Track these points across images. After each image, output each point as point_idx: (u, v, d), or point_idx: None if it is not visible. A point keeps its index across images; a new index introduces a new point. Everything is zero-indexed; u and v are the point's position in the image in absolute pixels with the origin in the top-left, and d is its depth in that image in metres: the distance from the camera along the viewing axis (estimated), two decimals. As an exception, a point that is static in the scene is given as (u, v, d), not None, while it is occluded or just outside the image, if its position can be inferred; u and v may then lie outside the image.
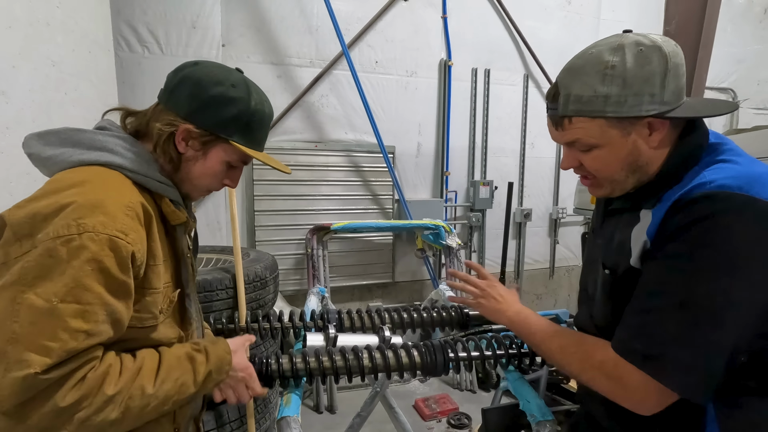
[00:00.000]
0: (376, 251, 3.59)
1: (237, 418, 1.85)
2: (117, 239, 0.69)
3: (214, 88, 0.83)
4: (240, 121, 0.86)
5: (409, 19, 3.48)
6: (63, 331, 0.64)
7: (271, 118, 0.93)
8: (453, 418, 2.73)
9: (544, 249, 4.30)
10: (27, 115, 1.61)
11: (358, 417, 1.96)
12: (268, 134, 0.95)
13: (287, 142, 3.27)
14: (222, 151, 0.87)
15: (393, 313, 1.45)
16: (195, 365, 0.82)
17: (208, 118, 0.84)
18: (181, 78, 0.85)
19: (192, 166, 0.87)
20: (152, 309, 0.80)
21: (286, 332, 1.37)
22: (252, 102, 0.86)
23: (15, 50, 1.57)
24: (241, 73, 0.90)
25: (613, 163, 0.79)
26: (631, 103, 0.74)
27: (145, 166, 0.81)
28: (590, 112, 0.76)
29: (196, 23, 2.96)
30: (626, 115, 0.74)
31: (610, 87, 0.74)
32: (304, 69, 3.25)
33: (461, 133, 3.78)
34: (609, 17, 4.12)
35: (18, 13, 1.58)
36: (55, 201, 0.68)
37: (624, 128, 0.76)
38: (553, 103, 0.82)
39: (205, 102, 0.83)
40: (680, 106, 0.76)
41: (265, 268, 2.07)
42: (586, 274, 0.99)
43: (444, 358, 1.08)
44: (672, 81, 0.74)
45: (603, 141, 0.78)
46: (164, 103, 0.86)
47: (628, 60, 0.73)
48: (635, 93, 0.73)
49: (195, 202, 3.04)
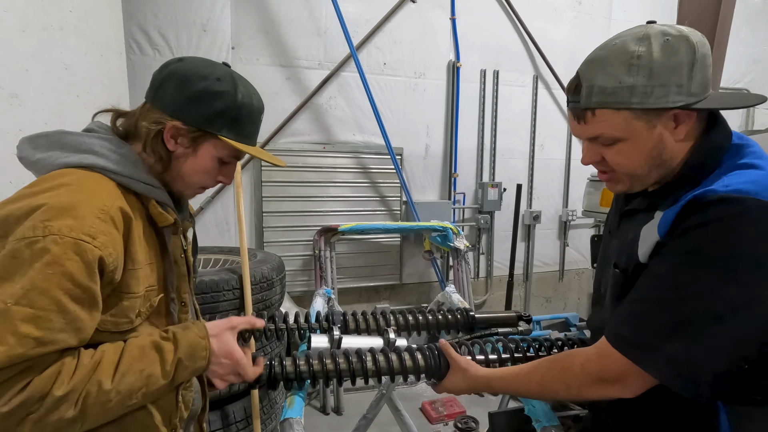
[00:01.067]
0: (383, 253, 3.59)
1: (243, 418, 1.86)
2: (82, 242, 0.67)
3: (200, 82, 0.82)
4: (227, 115, 0.84)
5: (418, 21, 3.48)
6: (11, 334, 0.62)
7: (260, 111, 0.92)
8: (460, 421, 2.71)
9: (554, 252, 4.25)
10: (39, 117, 1.64)
11: (365, 419, 1.96)
12: (258, 128, 0.93)
13: (295, 143, 3.28)
14: (212, 146, 0.86)
15: (398, 315, 1.44)
16: (162, 354, 0.77)
17: (195, 113, 0.83)
18: (166, 75, 0.84)
19: (183, 163, 0.86)
20: (129, 314, 0.78)
21: (291, 333, 1.37)
22: (239, 95, 0.85)
23: (28, 53, 1.60)
24: (228, 67, 0.88)
25: (637, 157, 0.76)
26: (657, 94, 0.71)
27: (131, 167, 0.80)
28: (615, 103, 0.73)
29: (206, 26, 2.99)
30: (652, 106, 0.71)
31: (636, 77, 0.71)
32: (313, 71, 3.27)
33: (470, 134, 3.77)
34: (620, 17, 4.07)
35: (31, 16, 1.61)
36: (28, 203, 0.68)
37: (649, 120, 0.73)
38: (575, 95, 0.78)
39: (191, 97, 0.82)
40: (707, 98, 0.73)
41: (271, 269, 2.08)
42: (599, 276, 0.98)
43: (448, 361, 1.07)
44: (699, 72, 0.71)
45: (628, 134, 0.75)
46: (151, 102, 0.85)
47: (655, 50, 0.71)
48: (662, 84, 0.70)
49: (202, 203, 3.07)
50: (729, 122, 0.80)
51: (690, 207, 0.70)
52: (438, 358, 1.06)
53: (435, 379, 1.07)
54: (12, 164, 0.80)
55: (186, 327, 0.84)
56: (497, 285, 4.02)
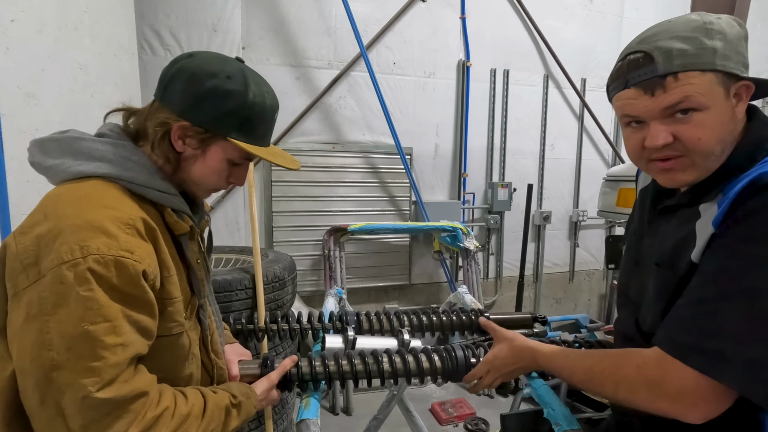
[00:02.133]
0: (392, 253, 3.58)
1: (255, 418, 1.86)
2: (124, 259, 0.68)
3: (209, 81, 0.78)
4: (237, 116, 0.81)
5: (428, 20, 3.47)
6: (102, 349, 0.65)
7: (274, 110, 0.87)
8: (470, 423, 2.70)
9: (564, 252, 4.22)
10: (55, 117, 1.65)
11: (375, 419, 1.95)
12: (272, 127, 0.89)
13: (305, 143, 3.29)
14: (221, 148, 0.83)
15: (411, 316, 1.44)
16: (228, 419, 0.84)
17: (204, 114, 0.79)
18: (175, 72, 0.80)
19: (192, 165, 0.83)
20: (177, 317, 0.80)
21: (305, 333, 1.37)
22: (250, 94, 0.81)
23: (44, 54, 1.61)
24: (241, 62, 0.84)
25: (718, 128, 0.70)
26: (735, 59, 0.69)
27: (146, 175, 0.78)
28: (702, 64, 0.68)
29: (217, 26, 3.00)
30: (733, 71, 0.69)
31: (714, 41, 0.68)
32: (323, 71, 3.27)
33: (479, 134, 3.75)
34: (632, 15, 4.03)
35: (48, 17, 1.63)
36: (56, 225, 0.67)
37: (727, 89, 0.70)
38: (645, 67, 0.71)
39: (200, 97, 0.78)
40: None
41: (283, 269, 2.08)
42: (628, 278, 0.92)
43: (466, 363, 1.06)
44: (744, 47, 0.71)
45: (711, 100, 0.69)
46: (159, 100, 0.82)
47: (721, 20, 0.70)
48: (736, 50, 0.69)
49: (212, 203, 3.08)
50: None
51: (747, 191, 0.65)
52: (455, 360, 1.05)
53: (452, 380, 1.06)
54: (29, 164, 0.79)
55: (248, 396, 0.91)
56: (507, 286, 4.00)
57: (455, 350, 1.06)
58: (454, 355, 1.05)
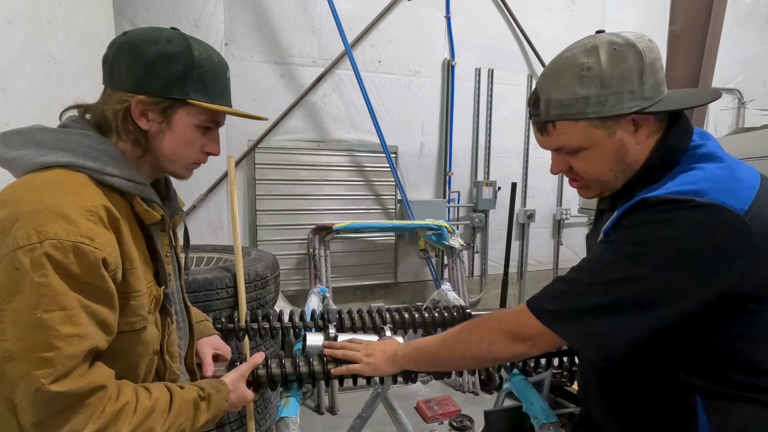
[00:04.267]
0: (378, 251, 3.58)
1: (237, 419, 1.83)
2: (83, 245, 0.65)
3: (150, 48, 0.76)
4: (190, 76, 0.78)
5: (413, 19, 3.47)
6: (56, 339, 0.62)
7: (224, 67, 0.85)
8: (455, 420, 2.71)
9: (548, 250, 4.27)
10: (27, 112, 1.60)
11: (360, 418, 1.94)
12: (228, 86, 0.87)
13: (289, 141, 3.26)
14: (186, 114, 0.80)
15: (394, 313, 1.43)
16: (198, 413, 0.82)
17: (156, 81, 0.77)
18: (114, 52, 0.78)
19: (161, 141, 0.81)
20: (140, 312, 0.77)
21: (286, 332, 1.35)
22: (195, 52, 0.79)
23: (15, 47, 1.56)
24: (176, 30, 0.82)
25: (602, 163, 0.80)
26: (611, 102, 0.74)
27: (112, 164, 0.75)
28: (572, 114, 0.77)
29: (199, 22, 2.95)
30: (608, 114, 0.75)
31: (588, 88, 0.75)
32: (307, 68, 3.24)
33: (464, 133, 3.77)
34: (614, 17, 4.09)
35: (19, 8, 1.58)
36: (13, 211, 0.65)
37: (608, 127, 0.77)
38: (535, 109, 0.82)
39: (146, 66, 0.76)
40: (662, 100, 0.76)
41: (265, 268, 2.06)
42: None
43: None
44: (650, 76, 0.75)
45: (589, 142, 0.78)
46: (109, 85, 0.79)
47: (603, 60, 0.74)
48: (614, 92, 0.74)
49: (195, 201, 3.04)
50: (720, 123, 0.81)
51: (633, 207, 0.74)
52: None
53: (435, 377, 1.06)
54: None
55: (218, 389, 0.88)
56: (492, 283, 4.03)
57: None
58: None
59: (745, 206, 0.68)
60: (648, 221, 0.71)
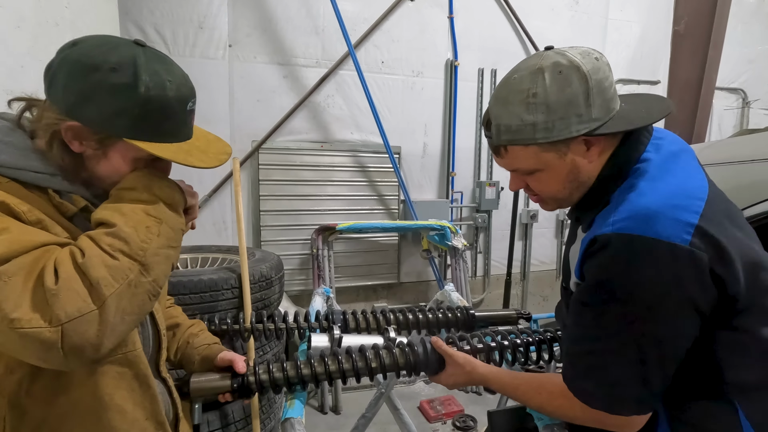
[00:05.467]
0: (381, 252, 3.59)
1: (242, 418, 1.85)
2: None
3: (91, 75, 0.67)
4: (130, 114, 0.69)
5: (416, 19, 3.47)
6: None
7: (182, 100, 0.74)
8: (458, 420, 2.72)
9: (551, 250, 4.26)
10: (35, 114, 1.62)
11: (363, 418, 1.95)
12: (186, 120, 0.76)
13: (293, 142, 3.27)
14: (124, 148, 0.72)
15: (398, 314, 1.44)
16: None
17: (90, 113, 0.68)
18: (57, 64, 0.69)
19: (95, 165, 0.73)
20: None
21: (291, 333, 1.37)
22: (141, 88, 0.68)
23: (23, 49, 1.58)
24: (136, 47, 0.71)
25: (555, 183, 0.82)
26: (559, 127, 0.75)
27: (17, 156, 0.68)
28: (522, 140, 0.78)
29: (203, 24, 2.97)
30: (556, 139, 0.76)
31: (535, 115, 0.75)
32: (310, 69, 3.25)
33: (467, 133, 3.77)
34: (617, 17, 4.08)
35: (27, 12, 1.60)
36: None
37: (558, 150, 0.78)
38: (488, 131, 0.84)
39: (83, 94, 0.68)
40: (612, 119, 0.77)
41: (270, 268, 2.07)
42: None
43: (426, 358, 1.03)
44: (597, 97, 0.75)
45: (541, 165, 0.80)
46: (47, 96, 0.71)
47: (548, 85, 0.74)
48: (561, 117, 0.74)
49: (200, 202, 3.05)
50: (724, 123, 0.82)
51: (587, 250, 0.77)
52: (428, 354, 1.04)
53: (426, 373, 1.06)
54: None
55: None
56: (495, 284, 4.03)
57: (416, 345, 1.05)
58: (416, 350, 1.05)
59: (695, 219, 0.70)
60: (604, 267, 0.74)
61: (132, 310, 0.66)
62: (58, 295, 0.59)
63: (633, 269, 0.71)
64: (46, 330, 0.58)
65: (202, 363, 1.04)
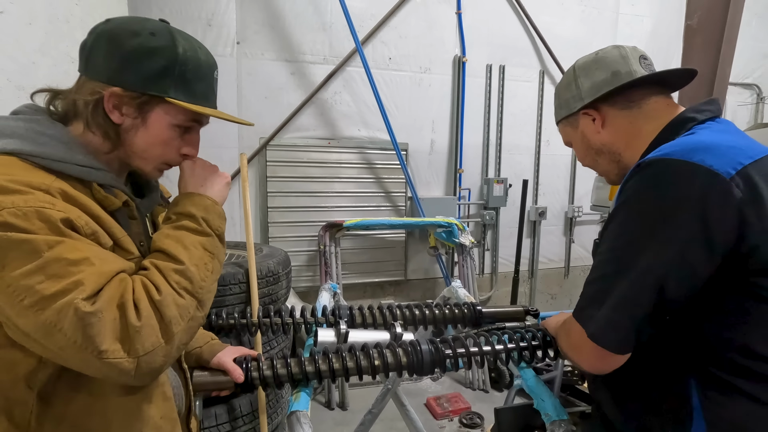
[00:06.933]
0: (388, 249, 3.59)
1: (249, 412, 1.86)
2: (44, 209, 0.62)
3: (132, 39, 0.72)
4: (171, 73, 0.74)
5: (423, 15, 3.46)
6: (68, 265, 0.61)
7: (210, 66, 0.81)
8: (465, 417, 2.71)
9: (559, 248, 4.23)
10: (46, 110, 1.64)
11: (370, 414, 1.95)
12: (213, 87, 0.82)
13: (300, 138, 3.28)
14: (163, 112, 0.76)
15: (405, 310, 1.44)
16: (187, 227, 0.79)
17: (134, 75, 0.72)
18: (94, 39, 0.73)
19: (134, 137, 0.76)
20: None
21: (297, 328, 1.37)
22: (179, 48, 0.74)
23: (35, 46, 1.60)
24: (165, 23, 0.78)
25: (579, 151, 1.04)
26: (563, 107, 1.02)
27: (62, 149, 0.70)
28: (557, 120, 1.07)
29: (211, 21, 2.98)
30: (564, 116, 1.02)
31: (556, 101, 1.06)
32: (318, 66, 3.25)
33: (475, 130, 3.74)
34: (628, 11, 4.03)
35: (38, 10, 1.62)
36: None
37: (571, 124, 1.02)
38: None
39: (126, 58, 0.72)
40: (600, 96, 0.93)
41: (277, 264, 2.08)
42: None
43: (432, 358, 1.03)
44: (584, 81, 0.96)
45: (570, 138, 1.05)
46: (84, 73, 0.74)
47: (561, 78, 1.04)
48: (561, 99, 1.03)
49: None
50: (738, 118, 0.83)
51: (630, 173, 0.80)
52: (420, 355, 1.03)
53: (417, 374, 1.05)
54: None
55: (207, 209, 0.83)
56: (502, 281, 4.01)
57: (420, 344, 1.05)
58: (419, 350, 1.04)
59: (732, 171, 0.69)
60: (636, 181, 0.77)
61: (187, 341, 0.73)
62: (141, 331, 0.65)
63: (663, 185, 0.72)
64: (125, 360, 0.64)
65: (197, 363, 1.05)
